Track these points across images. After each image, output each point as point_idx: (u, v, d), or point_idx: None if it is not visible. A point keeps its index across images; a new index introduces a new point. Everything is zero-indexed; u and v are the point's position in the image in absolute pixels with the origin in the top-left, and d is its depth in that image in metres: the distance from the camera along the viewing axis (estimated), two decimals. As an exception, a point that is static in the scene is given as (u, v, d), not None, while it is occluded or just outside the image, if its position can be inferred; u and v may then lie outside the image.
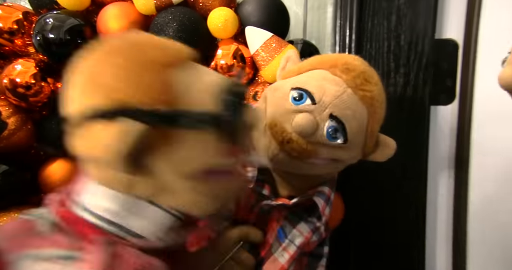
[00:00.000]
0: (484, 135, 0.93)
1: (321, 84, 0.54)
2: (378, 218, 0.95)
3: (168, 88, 0.37)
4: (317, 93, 0.54)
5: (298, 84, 0.56)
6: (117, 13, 0.77)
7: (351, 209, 0.90)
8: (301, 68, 0.60)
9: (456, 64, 0.93)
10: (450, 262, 0.97)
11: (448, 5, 0.91)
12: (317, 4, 0.96)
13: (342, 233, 0.93)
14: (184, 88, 0.39)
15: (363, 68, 0.57)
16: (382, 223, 0.95)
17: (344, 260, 0.95)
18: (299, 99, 0.54)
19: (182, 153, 0.38)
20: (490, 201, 0.93)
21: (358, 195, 0.93)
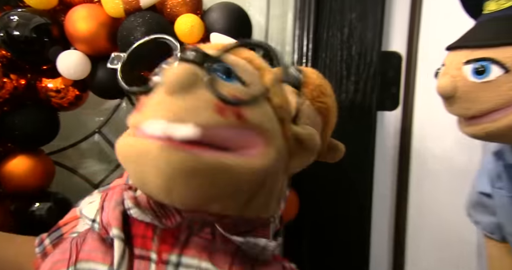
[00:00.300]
0: (423, 137, 1.04)
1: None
2: (329, 215, 1.03)
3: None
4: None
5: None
6: (85, 15, 0.79)
7: (305, 205, 0.97)
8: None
9: (400, 74, 1.05)
10: (392, 250, 1.08)
11: (393, 21, 1.02)
12: (278, 13, 1.04)
13: (296, 226, 1.00)
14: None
15: (319, 82, 0.63)
16: (332, 220, 1.03)
17: (297, 251, 1.02)
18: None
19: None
20: (428, 200, 1.05)
21: (311, 193, 1.00)
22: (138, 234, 0.41)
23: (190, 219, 0.40)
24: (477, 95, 0.54)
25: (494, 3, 0.56)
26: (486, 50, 0.53)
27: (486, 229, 0.75)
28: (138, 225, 0.41)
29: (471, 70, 0.54)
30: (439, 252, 1.04)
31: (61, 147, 0.97)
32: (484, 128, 0.55)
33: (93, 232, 0.43)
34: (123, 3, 0.79)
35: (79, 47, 0.82)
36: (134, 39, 0.79)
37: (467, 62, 0.54)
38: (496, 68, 0.52)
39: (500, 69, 0.52)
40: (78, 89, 0.87)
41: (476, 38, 0.55)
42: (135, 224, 0.41)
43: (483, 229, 0.76)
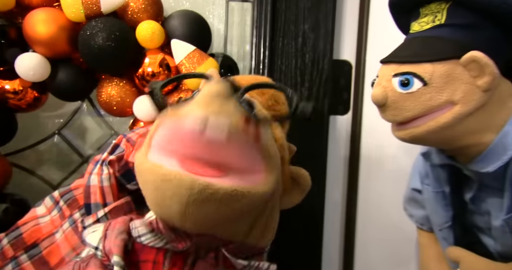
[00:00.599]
0: (372, 139, 1.12)
1: None
2: (283, 215, 1.09)
3: None
4: None
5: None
6: (45, 18, 0.80)
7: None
8: None
9: (350, 81, 1.13)
10: (342, 248, 1.16)
11: (343, 32, 1.10)
12: (237, 22, 1.09)
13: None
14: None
15: (272, 91, 0.69)
16: (286, 220, 1.09)
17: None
18: None
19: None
20: (375, 198, 1.13)
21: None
22: (149, 259, 0.44)
23: (198, 243, 0.44)
24: (403, 104, 0.60)
25: (417, 25, 0.64)
26: (410, 65, 0.59)
27: (418, 221, 0.83)
28: (149, 252, 0.44)
29: (398, 82, 0.60)
30: (385, 247, 1.13)
31: (19, 148, 0.97)
32: (410, 133, 0.62)
33: (96, 259, 0.45)
34: (84, 8, 0.81)
35: (38, 50, 0.83)
36: (95, 43, 0.81)
37: (395, 75, 0.61)
38: (417, 81, 0.58)
39: (420, 82, 0.58)
40: (37, 91, 0.88)
41: (402, 54, 0.62)
42: (144, 251, 0.44)
43: (415, 221, 0.84)
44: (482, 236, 0.71)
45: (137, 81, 0.89)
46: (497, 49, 0.58)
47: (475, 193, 0.67)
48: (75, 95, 0.91)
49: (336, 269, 1.17)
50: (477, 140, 0.61)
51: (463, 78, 0.57)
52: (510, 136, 0.59)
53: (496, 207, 0.64)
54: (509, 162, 0.59)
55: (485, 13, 0.57)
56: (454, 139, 0.62)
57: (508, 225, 0.62)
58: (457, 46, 0.58)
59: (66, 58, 0.87)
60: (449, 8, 0.59)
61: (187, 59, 0.87)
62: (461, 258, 0.64)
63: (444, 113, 0.59)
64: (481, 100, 0.58)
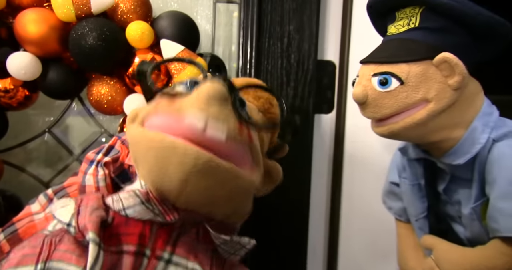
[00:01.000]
0: (355, 136, 1.17)
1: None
2: (271, 210, 1.12)
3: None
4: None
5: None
6: (35, 18, 0.82)
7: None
8: None
9: (334, 80, 1.17)
10: (327, 241, 1.20)
11: (327, 33, 1.14)
12: (224, 23, 1.12)
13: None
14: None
15: (268, 95, 0.73)
16: (274, 214, 1.13)
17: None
18: None
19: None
20: (358, 193, 1.18)
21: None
22: (135, 232, 0.44)
23: (184, 217, 0.46)
24: (382, 102, 0.65)
25: (394, 28, 0.68)
26: (388, 65, 0.64)
27: (397, 213, 0.88)
28: (134, 225, 0.44)
29: (377, 81, 0.64)
30: (368, 239, 1.17)
31: (9, 146, 0.98)
32: (388, 128, 0.67)
33: (69, 235, 0.44)
34: (74, 8, 0.83)
35: (30, 49, 0.85)
36: (86, 43, 0.83)
37: (374, 75, 0.65)
38: (395, 80, 0.63)
39: (397, 81, 0.63)
40: (28, 90, 0.90)
41: (380, 55, 0.67)
42: (129, 224, 0.44)
43: (394, 213, 0.89)
44: (453, 224, 0.76)
45: (127, 80, 0.91)
46: (465, 52, 0.63)
47: (448, 184, 0.72)
48: (66, 94, 0.92)
49: (321, 261, 1.21)
50: (448, 135, 0.66)
51: (436, 77, 0.62)
52: (478, 131, 0.64)
53: (465, 197, 0.69)
54: (477, 155, 0.64)
55: (459, 21, 0.61)
56: (428, 134, 0.66)
57: (476, 213, 0.67)
58: (429, 48, 0.62)
59: (57, 57, 0.89)
60: (422, 12, 0.63)
61: (176, 59, 0.89)
62: (434, 245, 0.69)
63: (419, 110, 0.63)
64: (452, 98, 0.63)
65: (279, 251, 1.14)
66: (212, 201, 0.46)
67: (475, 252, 0.64)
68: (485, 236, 0.67)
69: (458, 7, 0.60)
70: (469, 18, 0.60)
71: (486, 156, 0.63)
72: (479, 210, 0.67)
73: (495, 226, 0.61)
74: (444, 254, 0.67)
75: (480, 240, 0.68)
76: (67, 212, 0.45)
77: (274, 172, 0.62)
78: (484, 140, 0.64)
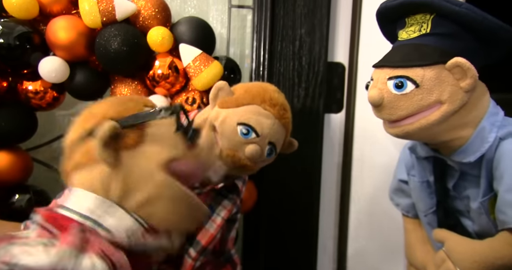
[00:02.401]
0: (363, 135, 1.21)
1: (259, 120, 0.74)
2: (283, 207, 1.17)
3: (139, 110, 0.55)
4: (258, 127, 0.74)
5: (243, 120, 0.73)
6: (65, 25, 0.88)
7: (262, 198, 1.11)
8: (238, 102, 0.76)
9: (344, 82, 1.21)
10: (337, 236, 1.24)
11: (337, 37, 1.18)
12: (238, 26, 1.17)
13: (255, 215, 1.14)
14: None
15: (282, 101, 0.79)
16: (286, 211, 1.18)
17: (255, 237, 1.16)
18: (247, 134, 0.73)
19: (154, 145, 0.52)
20: (367, 191, 1.22)
21: (269, 185, 1.14)
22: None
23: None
24: (398, 104, 0.68)
25: (405, 33, 0.71)
26: (403, 69, 0.67)
27: (404, 209, 0.92)
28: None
29: (393, 85, 0.67)
30: (376, 236, 1.21)
31: (37, 144, 1.04)
32: (403, 129, 0.69)
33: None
34: (101, 15, 0.89)
35: (59, 54, 0.91)
36: (111, 48, 0.89)
37: (390, 78, 0.68)
38: (410, 84, 0.66)
39: (412, 85, 0.66)
40: (56, 91, 0.96)
41: (395, 59, 0.69)
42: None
43: (401, 209, 0.93)
44: (462, 218, 0.80)
45: (148, 82, 0.97)
46: (473, 56, 0.66)
47: (457, 180, 0.75)
48: (91, 95, 0.98)
49: (331, 258, 1.25)
50: (458, 134, 0.69)
51: (448, 80, 0.66)
52: (486, 130, 0.68)
53: (474, 192, 0.73)
54: (485, 152, 0.68)
55: (467, 26, 0.65)
56: (439, 134, 0.70)
57: (484, 207, 0.71)
58: (442, 52, 0.66)
59: (84, 61, 0.95)
60: (433, 19, 0.67)
61: (194, 62, 0.95)
62: (445, 238, 0.73)
63: (434, 112, 0.67)
64: (463, 100, 0.66)
65: (290, 249, 1.19)
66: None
67: (485, 244, 0.67)
68: (493, 229, 0.70)
69: (467, 13, 0.63)
70: (476, 24, 0.64)
71: (493, 153, 0.67)
72: (487, 204, 0.71)
73: (503, 218, 0.64)
74: (455, 247, 0.70)
75: (488, 233, 0.71)
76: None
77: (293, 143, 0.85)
78: (492, 139, 0.67)
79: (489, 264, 0.65)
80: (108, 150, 0.49)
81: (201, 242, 0.77)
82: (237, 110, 0.75)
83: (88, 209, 0.48)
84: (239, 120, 0.73)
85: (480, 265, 0.65)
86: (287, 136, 0.81)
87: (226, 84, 0.79)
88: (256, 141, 0.74)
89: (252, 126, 0.73)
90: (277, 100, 0.77)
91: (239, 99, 0.76)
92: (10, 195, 0.92)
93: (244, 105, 0.76)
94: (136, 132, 0.52)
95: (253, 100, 0.76)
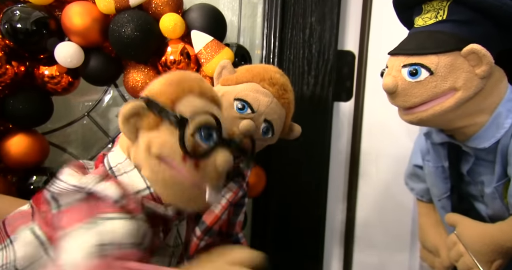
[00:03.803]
0: (372, 124, 1.22)
1: (256, 97, 0.74)
2: (291, 197, 1.19)
3: (176, 97, 0.57)
4: (255, 104, 0.74)
5: (240, 95, 0.74)
6: (80, 11, 0.90)
7: (271, 183, 1.14)
8: (238, 79, 0.78)
9: (353, 70, 1.22)
10: (344, 220, 1.26)
11: (347, 25, 1.19)
12: (249, 14, 1.18)
13: (264, 200, 1.16)
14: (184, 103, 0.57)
15: (283, 81, 0.79)
16: (295, 195, 1.20)
17: (264, 221, 1.18)
18: (242, 109, 0.74)
19: (159, 139, 0.55)
20: (375, 176, 1.23)
21: (277, 171, 1.16)
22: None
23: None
24: (412, 91, 0.68)
25: (421, 20, 0.71)
26: (417, 57, 0.67)
27: (419, 193, 0.93)
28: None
29: (407, 72, 0.68)
30: (384, 223, 1.23)
31: (52, 128, 1.07)
32: (417, 116, 0.70)
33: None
34: (114, 1, 0.91)
35: (74, 39, 0.93)
36: (124, 34, 0.91)
37: (404, 66, 0.68)
38: (424, 71, 0.66)
39: (427, 72, 0.66)
40: (71, 76, 0.98)
41: (409, 47, 0.70)
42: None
43: (416, 194, 0.95)
44: (476, 203, 0.81)
45: (160, 68, 0.99)
46: (491, 42, 0.66)
47: (472, 166, 0.76)
48: (105, 80, 1.01)
49: (338, 245, 1.28)
50: (473, 121, 0.70)
51: (463, 67, 0.66)
52: (502, 116, 0.69)
53: (488, 177, 0.74)
54: (500, 138, 0.68)
55: (485, 12, 0.64)
56: (454, 120, 0.71)
57: (498, 192, 0.72)
58: (458, 39, 0.66)
59: (98, 46, 0.97)
60: (450, 5, 0.67)
61: (206, 49, 0.96)
62: (457, 222, 0.74)
63: (448, 98, 0.67)
64: (479, 86, 0.67)
65: (298, 233, 1.21)
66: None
67: (495, 227, 0.68)
68: (506, 213, 0.72)
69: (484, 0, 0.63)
70: (495, 10, 0.63)
71: (509, 139, 0.67)
72: (501, 189, 0.72)
73: None
74: (466, 230, 0.72)
75: (501, 217, 0.72)
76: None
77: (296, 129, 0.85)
78: (508, 125, 0.68)
79: (499, 247, 0.66)
80: (129, 125, 0.55)
81: (206, 222, 0.79)
82: (236, 87, 0.77)
83: (116, 162, 0.58)
84: (236, 96, 0.75)
85: (490, 247, 0.67)
86: (287, 118, 0.81)
87: (229, 63, 0.81)
88: (251, 116, 0.74)
89: (248, 102, 0.74)
90: (278, 80, 0.78)
91: (239, 77, 0.78)
92: (28, 176, 0.96)
93: (243, 83, 0.77)
94: (156, 119, 0.55)
95: (253, 78, 0.77)
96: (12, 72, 0.91)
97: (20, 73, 0.93)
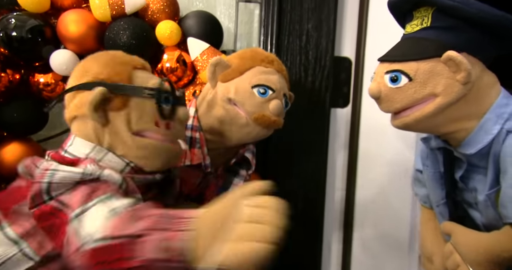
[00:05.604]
0: (369, 129, 1.21)
1: (268, 78, 0.80)
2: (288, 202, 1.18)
3: (128, 76, 0.62)
4: (272, 84, 0.79)
5: (255, 82, 0.79)
6: (76, 19, 0.90)
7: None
8: (240, 70, 0.81)
9: (350, 76, 1.21)
10: (342, 225, 1.25)
11: (344, 31, 1.19)
12: (245, 20, 1.18)
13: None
14: (138, 79, 0.63)
15: (274, 57, 0.86)
16: (290, 203, 1.19)
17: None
18: (264, 93, 0.79)
19: (132, 115, 0.61)
20: (373, 181, 1.22)
21: (274, 178, 1.15)
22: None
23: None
24: (393, 97, 0.69)
25: (409, 27, 0.72)
26: (399, 63, 0.68)
27: (422, 199, 0.93)
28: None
29: (388, 79, 0.69)
30: (381, 228, 1.22)
31: (47, 135, 1.06)
32: (401, 121, 0.71)
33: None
34: (110, 9, 0.91)
35: (70, 47, 0.92)
36: (120, 41, 0.91)
37: (387, 72, 0.70)
38: (404, 77, 0.67)
39: (406, 78, 0.67)
40: (66, 84, 0.97)
41: (393, 54, 0.71)
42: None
43: (419, 199, 0.94)
44: (470, 210, 0.81)
45: (156, 75, 0.98)
46: (479, 48, 0.67)
47: (464, 172, 0.76)
48: (100, 88, 1.00)
49: (336, 250, 1.27)
50: (462, 126, 0.70)
51: (443, 73, 0.66)
52: (491, 122, 0.68)
53: (481, 184, 0.73)
54: (492, 144, 0.68)
55: (466, 20, 0.65)
56: (439, 126, 0.71)
57: (490, 200, 0.71)
58: (440, 46, 0.66)
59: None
60: (433, 13, 0.68)
61: (202, 56, 0.96)
62: (452, 230, 0.74)
63: (428, 104, 0.68)
64: (460, 92, 0.66)
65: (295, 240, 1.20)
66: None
67: (489, 237, 0.68)
68: (500, 222, 0.70)
69: (461, 7, 0.63)
70: (473, 17, 0.64)
71: (500, 146, 0.67)
72: (494, 197, 0.71)
73: (505, 213, 0.65)
74: (461, 239, 0.71)
75: (495, 226, 0.71)
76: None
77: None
78: (496, 131, 0.67)
79: (495, 256, 0.65)
80: (98, 112, 0.59)
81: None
82: (243, 77, 0.80)
83: (84, 154, 0.60)
84: (252, 84, 0.79)
85: (485, 257, 0.66)
86: (288, 86, 0.88)
87: (221, 58, 0.82)
88: (274, 96, 0.79)
89: (266, 85, 0.79)
90: (271, 56, 0.85)
91: (240, 67, 0.81)
92: (22, 184, 0.94)
93: (247, 71, 0.81)
94: (123, 98, 0.60)
95: (253, 63, 0.81)
96: (6, 80, 0.90)
97: (15, 81, 0.93)
